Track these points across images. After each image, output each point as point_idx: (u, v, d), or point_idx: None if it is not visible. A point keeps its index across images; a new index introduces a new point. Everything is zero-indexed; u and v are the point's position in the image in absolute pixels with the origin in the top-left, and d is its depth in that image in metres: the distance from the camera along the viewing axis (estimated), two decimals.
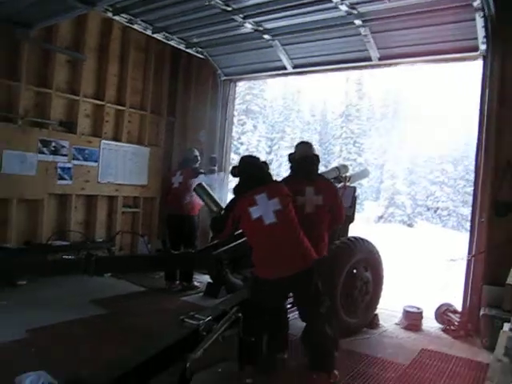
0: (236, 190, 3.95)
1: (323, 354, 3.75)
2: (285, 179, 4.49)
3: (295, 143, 4.66)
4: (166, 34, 7.29)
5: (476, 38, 5.66)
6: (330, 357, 3.80)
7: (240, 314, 3.48)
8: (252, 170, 3.94)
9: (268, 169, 4.08)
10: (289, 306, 4.52)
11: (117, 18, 6.68)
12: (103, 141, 7.80)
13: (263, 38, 6.97)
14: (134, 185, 8.37)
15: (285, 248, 3.59)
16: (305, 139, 41.24)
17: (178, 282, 6.78)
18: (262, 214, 3.63)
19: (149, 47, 8.44)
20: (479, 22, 5.37)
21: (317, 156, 4.41)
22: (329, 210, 4.24)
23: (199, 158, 7.05)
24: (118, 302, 5.93)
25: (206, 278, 6.86)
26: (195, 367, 2.78)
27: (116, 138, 8.10)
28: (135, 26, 6.96)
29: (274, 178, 4.08)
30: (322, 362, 3.75)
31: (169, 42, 7.56)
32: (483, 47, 5.66)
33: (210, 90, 8.50)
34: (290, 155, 4.44)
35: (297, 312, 4.16)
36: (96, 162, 7.69)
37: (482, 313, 5.16)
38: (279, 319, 4.17)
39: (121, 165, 8.08)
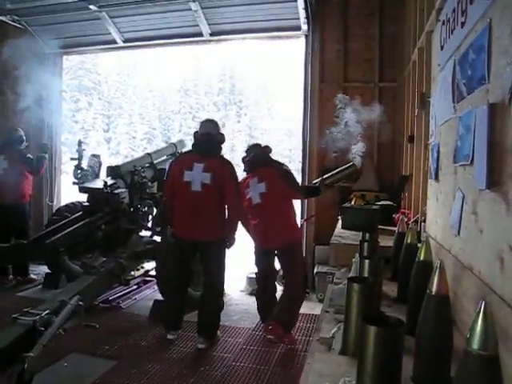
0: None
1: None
2: (180, 153, 4.62)
3: (134, 120, 4.54)
4: None
5: (299, 19, 6.03)
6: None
7: (81, 303, 3.32)
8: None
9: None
10: None
11: None
12: None
13: (89, 9, 6.52)
14: None
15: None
16: (144, 115, 40.24)
17: (11, 276, 6.15)
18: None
19: None
20: (300, 3, 5.73)
21: (221, 135, 4.36)
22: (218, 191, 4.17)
23: (24, 138, 6.33)
24: None
25: (44, 269, 6.36)
26: (36, 367, 2.58)
27: None
28: None
29: (114, 156, 3.93)
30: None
31: None
32: (305, 27, 6.08)
33: (33, 63, 7.72)
34: (195, 132, 4.38)
35: None
36: None
37: (315, 270, 5.73)
38: None
39: None
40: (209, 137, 4.23)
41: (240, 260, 6.01)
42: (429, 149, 2.91)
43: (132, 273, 5.45)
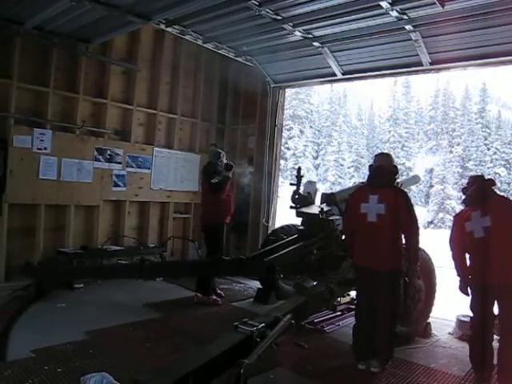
0: None
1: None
2: (357, 187, 4.80)
3: (342, 148, 4.75)
4: (217, 44, 7.44)
5: None
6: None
7: (293, 321, 3.50)
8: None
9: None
10: None
11: (169, 29, 6.88)
12: (156, 148, 8.04)
13: (312, 46, 6.99)
14: (185, 191, 8.55)
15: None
16: (352, 144, 41.02)
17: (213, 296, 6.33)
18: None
19: (199, 56, 8.61)
20: None
21: (394, 167, 4.50)
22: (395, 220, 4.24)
23: (221, 155, 6.45)
24: (170, 306, 6.06)
25: (256, 284, 6.91)
26: (248, 373, 2.81)
27: (168, 146, 8.33)
28: (187, 37, 7.16)
29: (322, 182, 4.14)
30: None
31: (219, 51, 7.71)
32: None
33: (259, 96, 8.60)
34: (370, 166, 4.65)
35: None
36: (149, 169, 7.92)
37: None
38: None
39: (172, 172, 8.29)
40: (382, 169, 4.40)
41: (450, 300, 5.63)
42: None
43: (338, 299, 5.53)
